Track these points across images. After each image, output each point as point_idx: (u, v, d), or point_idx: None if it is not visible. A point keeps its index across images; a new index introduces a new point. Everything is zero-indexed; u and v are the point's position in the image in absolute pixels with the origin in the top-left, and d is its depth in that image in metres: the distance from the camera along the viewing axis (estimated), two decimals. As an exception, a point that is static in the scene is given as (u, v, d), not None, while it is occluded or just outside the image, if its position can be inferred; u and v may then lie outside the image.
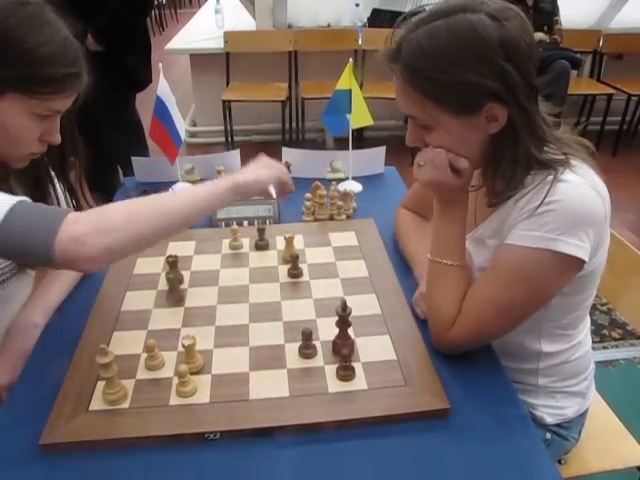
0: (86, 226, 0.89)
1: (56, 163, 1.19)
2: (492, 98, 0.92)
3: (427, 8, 0.98)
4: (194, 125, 4.71)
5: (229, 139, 4.22)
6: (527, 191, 0.98)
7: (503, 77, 0.90)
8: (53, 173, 1.20)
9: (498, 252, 1.02)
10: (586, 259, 0.95)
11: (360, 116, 1.64)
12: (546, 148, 0.99)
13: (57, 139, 1.07)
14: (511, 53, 0.90)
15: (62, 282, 1.21)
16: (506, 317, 1.02)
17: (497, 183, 1.01)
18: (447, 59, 0.91)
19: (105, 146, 2.83)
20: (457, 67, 0.90)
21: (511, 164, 0.98)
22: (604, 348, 2.44)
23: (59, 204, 1.23)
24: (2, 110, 0.97)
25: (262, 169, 1.15)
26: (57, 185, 1.22)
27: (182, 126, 1.67)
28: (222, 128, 4.19)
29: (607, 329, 2.55)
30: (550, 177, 0.95)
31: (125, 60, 2.75)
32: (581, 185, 0.95)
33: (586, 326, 1.19)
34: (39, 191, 1.19)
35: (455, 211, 1.05)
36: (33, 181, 1.17)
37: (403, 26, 0.97)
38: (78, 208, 1.24)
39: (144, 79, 2.95)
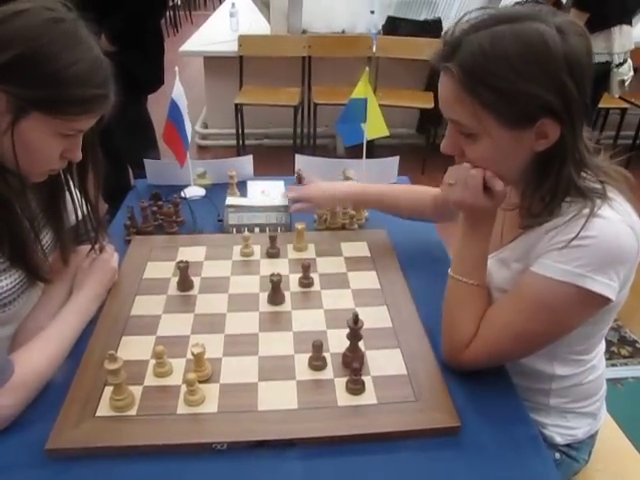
0: (12, 407, 0.95)
1: (77, 176, 1.17)
2: (548, 113, 0.88)
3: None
4: (206, 127, 4.71)
5: (240, 142, 4.23)
6: (561, 222, 0.94)
7: (563, 93, 0.86)
8: (72, 184, 1.19)
9: (522, 278, 0.99)
10: (613, 298, 0.93)
11: (375, 126, 1.63)
12: (583, 174, 0.95)
13: (78, 157, 1.05)
14: (573, 69, 0.86)
15: (67, 288, 1.21)
16: (523, 345, 1.01)
17: (534, 205, 0.97)
18: (510, 66, 0.85)
19: (116, 146, 2.83)
20: (519, 76, 0.85)
21: (553, 186, 0.94)
22: (613, 366, 2.41)
23: (76, 216, 1.22)
24: (26, 129, 0.95)
25: (96, 273, 1.24)
26: (74, 196, 1.20)
27: (189, 130, 1.66)
28: (234, 131, 4.20)
29: (616, 346, 2.53)
30: (586, 210, 0.91)
31: (137, 61, 2.75)
32: (618, 223, 0.91)
33: (601, 350, 1.17)
34: (54, 204, 1.17)
35: (481, 230, 1.03)
36: (48, 195, 1.16)
37: (460, 26, 0.91)
38: (95, 219, 1.23)
39: (156, 80, 2.95)
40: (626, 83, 3.51)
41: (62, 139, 1.00)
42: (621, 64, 3.44)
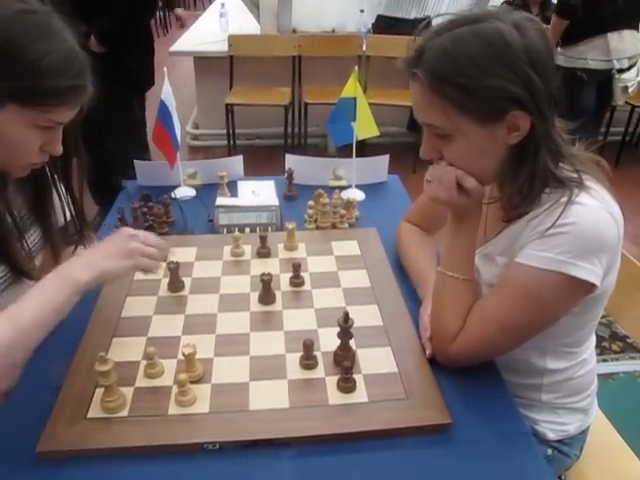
0: None
1: (60, 171, 1.16)
2: (516, 105, 0.90)
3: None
4: (196, 128, 4.70)
5: (231, 143, 4.22)
6: (541, 211, 0.96)
7: (528, 84, 0.89)
8: (57, 180, 1.18)
9: (507, 270, 1.01)
10: (597, 283, 0.94)
11: (365, 126, 1.63)
12: (561, 164, 0.98)
13: (58, 150, 1.04)
14: (535, 62, 0.89)
15: None
16: (510, 335, 1.01)
17: (513, 197, 0.99)
18: (473, 64, 0.89)
19: (106, 147, 2.82)
20: (483, 72, 0.89)
21: (529, 178, 0.96)
22: (604, 361, 2.43)
23: (64, 212, 1.22)
24: (2, 121, 0.94)
25: (111, 259, 1.03)
26: (62, 195, 1.20)
27: (179, 131, 1.66)
28: (224, 131, 4.19)
29: (607, 341, 2.55)
30: (564, 198, 0.93)
31: (127, 62, 2.75)
32: (596, 209, 0.93)
33: (591, 344, 1.18)
34: (40, 201, 1.17)
35: (465, 226, 1.04)
36: (34, 191, 1.15)
37: (424, 33, 0.95)
38: (79, 217, 1.23)
39: (146, 81, 2.95)
40: (630, 89, 3.48)
41: (41, 132, 0.99)
42: (624, 70, 3.41)
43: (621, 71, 3.41)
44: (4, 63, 0.90)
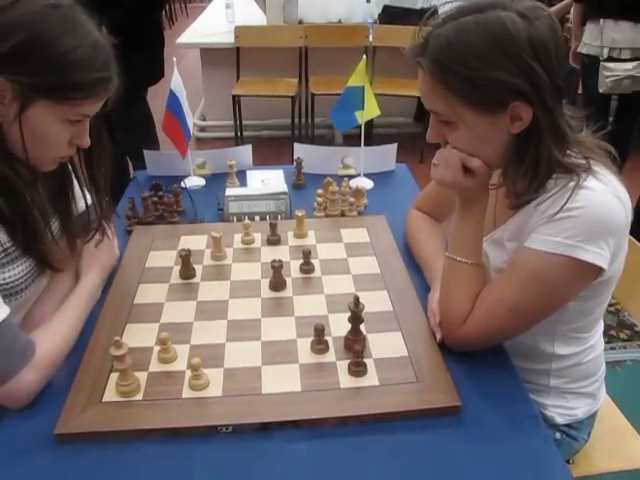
0: (35, 383, 0.98)
1: (84, 160, 1.17)
2: (518, 97, 0.90)
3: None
4: (203, 119, 4.71)
5: (238, 134, 4.23)
6: (549, 195, 0.97)
7: (530, 76, 0.89)
8: (80, 172, 1.19)
9: (516, 254, 1.02)
10: (605, 267, 0.95)
11: (368, 109, 1.64)
12: (568, 152, 0.98)
13: (86, 142, 1.06)
14: (539, 52, 0.89)
15: (72, 277, 1.22)
16: (518, 319, 1.02)
17: (517, 184, 1.00)
18: (475, 55, 0.89)
19: (116, 141, 2.83)
20: (484, 63, 0.89)
21: (532, 165, 0.96)
22: (612, 349, 2.43)
23: (86, 206, 1.24)
24: (33, 117, 0.95)
25: (102, 258, 1.28)
26: (82, 184, 1.21)
27: (191, 121, 1.67)
28: (231, 123, 4.20)
29: (615, 330, 2.54)
30: (572, 183, 0.94)
31: (138, 54, 2.75)
32: (604, 193, 0.93)
33: (599, 329, 1.19)
34: (63, 193, 1.18)
35: (473, 210, 1.05)
36: (57, 184, 1.16)
37: (431, 21, 0.96)
38: (104, 211, 1.24)
39: (156, 73, 2.95)
40: (607, 79, 3.21)
41: (69, 125, 1.01)
42: (613, 59, 3.21)
43: (611, 60, 3.27)
44: (33, 59, 0.92)
